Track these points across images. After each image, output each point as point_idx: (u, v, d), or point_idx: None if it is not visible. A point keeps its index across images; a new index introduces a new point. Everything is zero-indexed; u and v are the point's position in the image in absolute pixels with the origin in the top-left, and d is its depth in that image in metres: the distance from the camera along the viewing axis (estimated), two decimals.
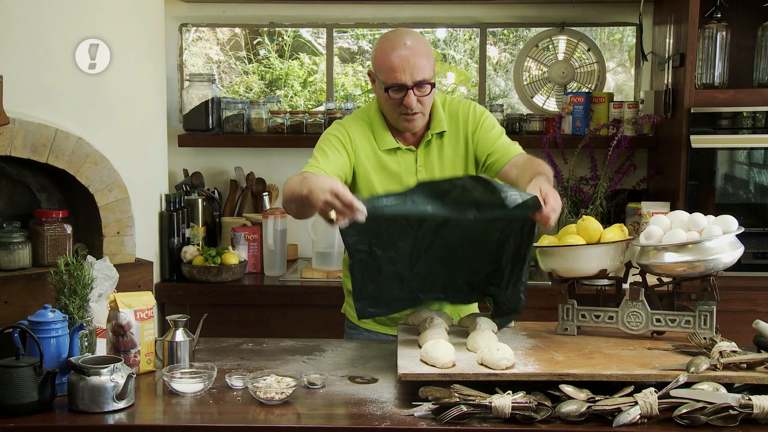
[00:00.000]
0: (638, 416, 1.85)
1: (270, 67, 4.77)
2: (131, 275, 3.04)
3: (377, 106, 2.53)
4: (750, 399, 1.85)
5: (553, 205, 2.11)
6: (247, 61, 4.68)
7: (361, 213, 2.00)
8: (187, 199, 3.64)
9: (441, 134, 2.52)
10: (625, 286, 2.34)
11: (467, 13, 4.01)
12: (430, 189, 2.12)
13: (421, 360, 2.03)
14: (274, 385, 2.02)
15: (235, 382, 2.11)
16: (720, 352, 2.01)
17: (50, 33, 2.94)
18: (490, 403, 1.86)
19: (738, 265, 2.33)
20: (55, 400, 1.98)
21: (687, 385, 1.92)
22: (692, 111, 3.36)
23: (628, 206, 3.67)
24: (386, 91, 2.40)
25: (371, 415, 1.92)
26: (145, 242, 3.29)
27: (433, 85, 2.42)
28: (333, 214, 2.00)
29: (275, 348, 2.46)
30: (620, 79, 4.36)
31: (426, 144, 2.52)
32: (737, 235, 2.24)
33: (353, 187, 2.51)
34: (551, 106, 4.06)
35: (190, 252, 3.49)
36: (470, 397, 1.89)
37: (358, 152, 2.49)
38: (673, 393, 1.89)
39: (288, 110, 3.96)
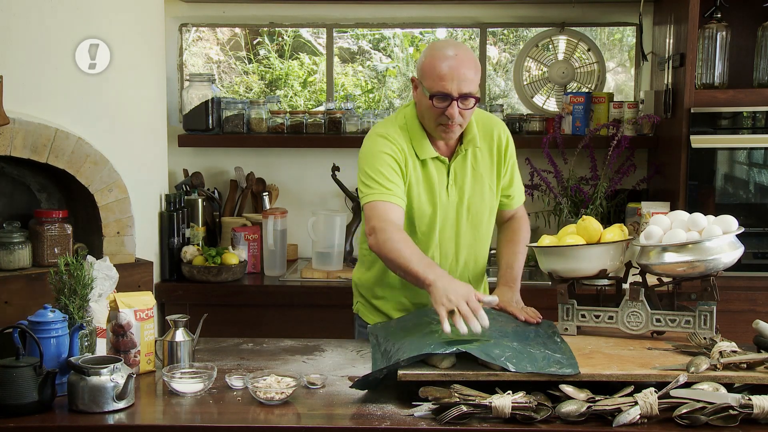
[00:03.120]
0: (638, 416, 1.85)
1: (270, 67, 4.77)
2: (131, 275, 3.04)
3: (414, 113, 2.49)
4: (750, 399, 1.85)
5: (524, 313, 2.38)
6: (247, 61, 4.68)
7: (478, 322, 2.05)
8: (187, 199, 3.64)
9: (472, 149, 2.51)
10: (625, 286, 2.34)
11: (467, 13, 4.01)
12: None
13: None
14: (274, 385, 2.02)
15: (235, 382, 2.11)
16: (720, 352, 2.01)
17: (50, 33, 2.94)
18: (490, 403, 1.86)
19: (738, 265, 2.33)
20: (55, 400, 1.98)
21: (687, 385, 1.92)
22: (692, 111, 3.35)
23: (628, 206, 3.67)
24: (431, 98, 2.36)
25: (371, 415, 1.92)
26: (145, 242, 3.29)
27: (477, 99, 2.40)
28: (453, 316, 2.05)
29: (275, 348, 2.46)
30: (620, 79, 4.36)
31: (457, 157, 2.50)
32: (737, 235, 2.24)
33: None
34: (551, 106, 4.05)
35: (190, 252, 3.49)
36: (470, 397, 1.89)
37: (407, 165, 2.45)
38: (673, 393, 1.89)
39: (288, 110, 3.96)
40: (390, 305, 2.61)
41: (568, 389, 1.92)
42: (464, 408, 1.86)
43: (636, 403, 1.87)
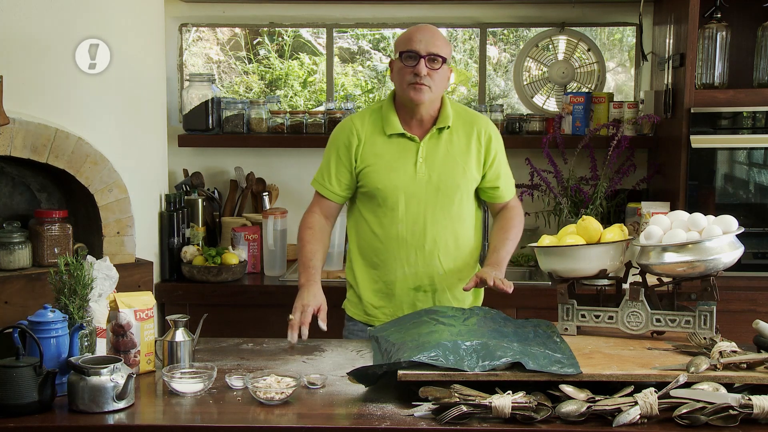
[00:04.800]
0: (638, 416, 1.85)
1: (270, 67, 4.77)
2: (131, 275, 3.04)
3: (391, 95, 2.69)
4: (750, 399, 1.85)
5: (495, 282, 2.47)
6: (247, 61, 4.68)
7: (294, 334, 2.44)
8: (187, 199, 3.64)
9: (447, 131, 2.64)
10: (625, 286, 2.34)
11: (467, 13, 4.01)
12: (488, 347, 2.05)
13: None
14: (274, 385, 2.02)
15: (235, 382, 2.11)
16: (720, 352, 2.01)
17: (50, 33, 2.93)
18: (490, 403, 1.86)
19: (738, 265, 2.33)
20: (55, 400, 1.98)
21: (687, 385, 1.92)
22: (692, 111, 3.35)
23: (628, 206, 3.67)
24: (400, 57, 2.56)
25: (371, 415, 1.92)
26: (145, 242, 3.28)
27: (444, 61, 2.57)
28: (293, 317, 2.47)
29: (275, 348, 2.46)
30: (620, 79, 4.36)
31: (431, 137, 2.62)
32: (737, 235, 2.24)
33: (360, 177, 2.65)
34: (551, 106, 4.05)
35: (190, 252, 3.49)
36: (470, 397, 1.89)
37: (364, 146, 2.65)
38: (673, 393, 1.89)
39: (288, 110, 3.96)
40: (366, 286, 2.71)
41: (568, 389, 1.92)
42: (464, 408, 1.86)
43: (636, 403, 1.87)
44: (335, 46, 4.22)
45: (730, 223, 2.23)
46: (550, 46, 4.04)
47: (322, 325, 2.51)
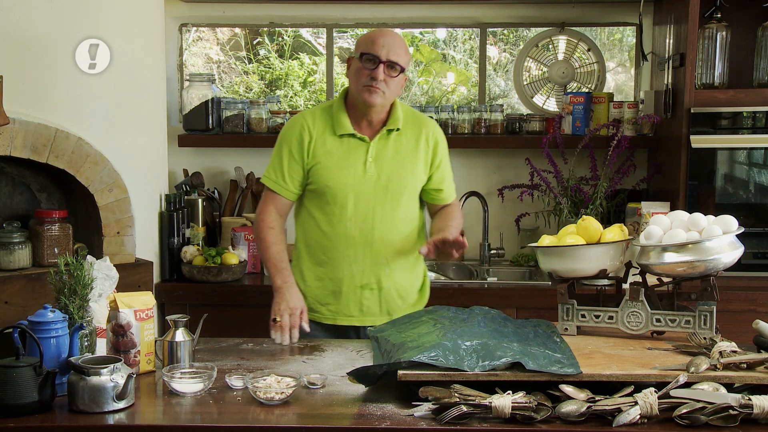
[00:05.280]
0: (638, 416, 1.85)
1: (270, 67, 4.77)
2: (131, 275, 3.04)
3: (343, 94, 2.71)
4: (750, 399, 1.85)
5: (453, 238, 2.52)
6: (247, 61, 4.68)
7: (287, 335, 2.50)
8: (187, 199, 3.64)
9: (397, 133, 2.69)
10: (625, 286, 2.34)
11: (467, 13, 4.01)
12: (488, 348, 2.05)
13: None
14: (274, 385, 2.02)
15: (235, 382, 2.11)
16: (720, 352, 2.01)
17: (50, 33, 2.93)
18: (490, 403, 1.86)
19: (738, 265, 2.33)
20: (55, 400, 1.98)
21: (687, 385, 1.92)
22: (692, 111, 3.35)
23: (628, 206, 3.67)
24: (360, 58, 2.59)
25: (371, 415, 1.92)
26: (145, 242, 3.28)
27: (403, 70, 2.60)
28: (281, 320, 2.51)
29: (275, 348, 2.46)
30: (620, 79, 4.36)
31: (380, 138, 2.67)
32: (737, 235, 2.24)
33: (310, 174, 2.67)
34: (551, 106, 4.05)
35: (190, 252, 3.49)
36: (470, 397, 1.88)
37: (315, 142, 2.67)
38: (673, 393, 1.89)
39: (288, 110, 3.96)
40: (313, 283, 2.74)
41: (568, 389, 1.92)
42: (464, 408, 1.86)
43: (636, 403, 1.87)
44: (335, 46, 4.22)
45: (730, 223, 2.23)
46: (550, 46, 4.04)
47: (306, 326, 2.56)
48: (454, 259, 2.61)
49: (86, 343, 2.11)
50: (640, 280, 2.31)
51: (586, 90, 3.99)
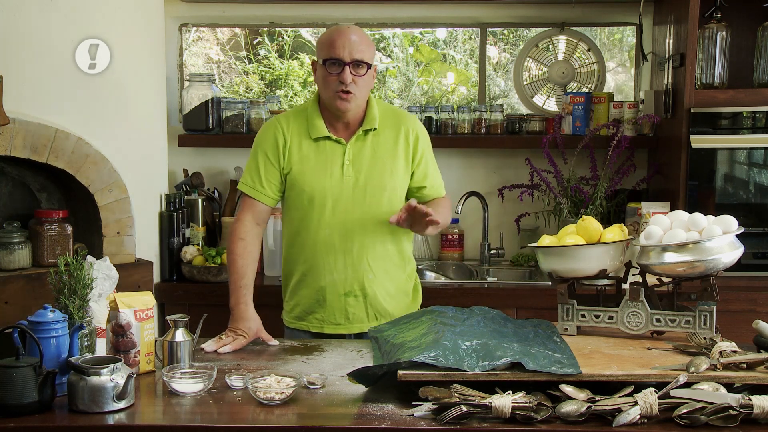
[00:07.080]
0: (638, 416, 1.85)
1: (270, 67, 4.76)
2: (131, 275, 3.04)
3: (316, 97, 2.66)
4: (750, 399, 1.85)
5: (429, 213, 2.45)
6: (247, 61, 4.68)
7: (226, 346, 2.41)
8: (187, 199, 3.65)
9: (373, 133, 2.62)
10: (625, 286, 2.34)
11: (467, 13, 4.01)
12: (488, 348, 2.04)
13: None
14: (274, 385, 2.02)
15: (235, 382, 2.11)
16: (720, 352, 2.01)
17: (50, 33, 2.94)
18: (490, 403, 1.86)
19: (738, 265, 2.33)
20: (55, 400, 1.98)
21: (687, 385, 1.92)
22: (692, 111, 3.35)
23: (628, 206, 3.67)
24: (324, 64, 2.52)
25: (371, 415, 1.92)
26: (145, 242, 3.29)
27: (369, 67, 2.54)
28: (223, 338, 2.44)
29: (275, 348, 2.46)
30: (620, 79, 4.36)
31: (357, 139, 2.61)
32: (737, 235, 2.24)
33: (287, 180, 2.62)
34: (551, 106, 4.05)
35: (190, 252, 3.49)
36: (470, 397, 1.88)
37: (290, 147, 2.61)
38: (673, 393, 1.89)
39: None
40: (298, 292, 2.71)
41: (568, 389, 1.92)
42: (464, 408, 1.86)
43: (636, 403, 1.87)
44: None
45: (730, 223, 2.23)
46: (550, 46, 4.04)
47: (272, 343, 2.49)
48: (428, 233, 2.54)
49: (86, 343, 2.11)
50: (640, 280, 2.31)
51: (586, 90, 3.99)
